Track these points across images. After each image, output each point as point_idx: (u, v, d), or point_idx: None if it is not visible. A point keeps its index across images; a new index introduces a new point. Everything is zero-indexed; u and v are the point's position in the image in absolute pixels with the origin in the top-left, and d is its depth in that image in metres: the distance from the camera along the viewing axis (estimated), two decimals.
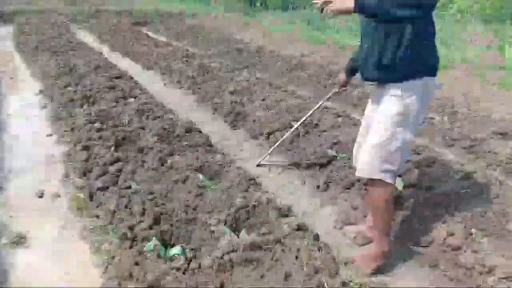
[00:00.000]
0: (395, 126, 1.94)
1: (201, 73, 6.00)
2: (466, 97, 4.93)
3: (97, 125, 3.47)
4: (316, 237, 2.13)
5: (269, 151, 3.35)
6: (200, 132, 3.54)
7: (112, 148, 3.04)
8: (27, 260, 2.15)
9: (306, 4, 14.07)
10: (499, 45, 7.10)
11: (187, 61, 6.76)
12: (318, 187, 2.97)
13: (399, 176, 2.73)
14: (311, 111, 3.09)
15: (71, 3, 14.96)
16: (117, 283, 1.80)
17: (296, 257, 1.85)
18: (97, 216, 2.44)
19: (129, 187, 2.55)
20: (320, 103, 2.97)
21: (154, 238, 1.99)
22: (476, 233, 2.18)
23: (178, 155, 2.95)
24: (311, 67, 6.71)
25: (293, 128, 3.27)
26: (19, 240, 2.26)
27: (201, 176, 2.61)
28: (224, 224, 2.13)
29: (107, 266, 1.97)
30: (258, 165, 3.39)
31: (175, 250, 1.95)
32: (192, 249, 1.99)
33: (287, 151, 3.53)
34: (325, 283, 1.71)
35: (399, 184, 2.71)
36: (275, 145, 3.33)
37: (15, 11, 12.13)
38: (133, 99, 4.19)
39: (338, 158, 3.21)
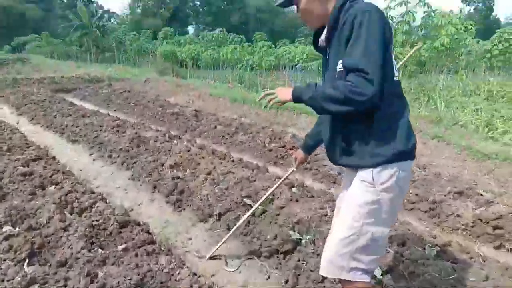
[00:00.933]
0: (364, 217, 1.65)
1: (135, 144, 5.46)
2: None
3: (6, 229, 2.77)
4: None
5: (221, 243, 2.86)
6: (139, 224, 2.98)
7: (26, 263, 2.37)
8: None
9: (236, 63, 14.35)
10: (427, 98, 7.51)
11: (118, 131, 6.19)
12: (286, 282, 2.53)
13: None
14: (268, 193, 2.71)
15: None
16: None
17: None
18: None
19: None
20: (278, 183, 2.61)
21: None
22: None
23: (113, 264, 2.37)
24: (252, 129, 6.49)
25: (248, 213, 2.84)
26: None
27: None
28: None
29: None
30: (210, 258, 2.89)
31: None
32: None
33: (243, 236, 3.09)
34: None
35: (377, 271, 2.38)
36: (228, 236, 2.86)
37: None
38: (53, 187, 3.53)
39: (302, 241, 2.82)
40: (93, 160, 5.29)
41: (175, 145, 5.34)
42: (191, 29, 55.50)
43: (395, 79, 1.65)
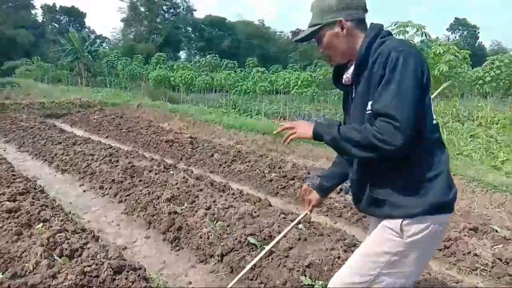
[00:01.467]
0: (381, 267, 1.48)
1: (129, 175, 5.21)
2: None
3: None
4: None
5: None
6: (134, 269, 2.72)
7: None
8: None
9: (229, 88, 14.31)
10: None
11: (111, 160, 5.93)
12: None
13: None
14: (277, 238, 2.45)
15: None
16: None
17: None
18: None
19: None
20: (288, 228, 2.36)
21: None
22: None
23: None
24: (250, 157, 6.30)
25: (254, 260, 2.57)
26: None
27: None
28: None
29: None
30: None
31: None
32: None
33: (249, 280, 2.83)
34: None
35: None
36: (231, 284, 2.58)
37: None
38: (41, 225, 3.25)
39: (315, 287, 2.59)
40: (84, 191, 5.02)
41: (171, 176, 5.10)
42: (183, 54, 56.02)
43: (434, 122, 1.49)
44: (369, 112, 1.47)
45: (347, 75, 1.66)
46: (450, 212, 1.53)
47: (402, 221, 1.47)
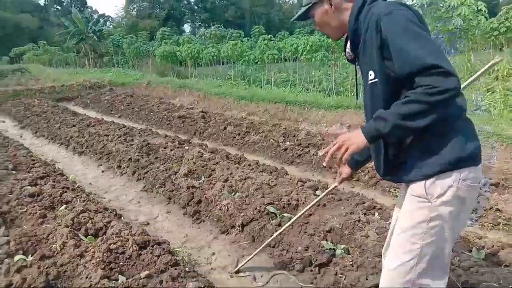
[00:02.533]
0: (422, 238, 1.42)
1: (145, 152, 5.26)
2: None
3: (18, 259, 2.57)
4: None
5: (250, 257, 2.65)
6: (159, 243, 2.78)
7: None
8: None
9: (237, 59, 14.10)
10: None
11: (126, 139, 5.97)
12: None
13: None
14: (304, 210, 2.44)
15: None
16: None
17: None
18: None
19: None
20: (316, 200, 2.35)
21: None
22: None
23: None
24: (263, 127, 6.27)
25: (281, 230, 2.60)
26: None
27: None
28: None
29: None
30: (236, 272, 2.69)
31: None
32: None
33: (271, 247, 2.87)
34: None
35: None
36: (257, 251, 2.64)
37: None
38: (64, 207, 3.32)
39: (337, 251, 2.61)
40: (102, 171, 5.10)
41: (186, 151, 5.12)
42: (187, 27, 55.14)
43: None
44: (372, 81, 1.46)
45: (348, 51, 1.66)
46: (476, 165, 1.43)
47: (424, 184, 1.41)
